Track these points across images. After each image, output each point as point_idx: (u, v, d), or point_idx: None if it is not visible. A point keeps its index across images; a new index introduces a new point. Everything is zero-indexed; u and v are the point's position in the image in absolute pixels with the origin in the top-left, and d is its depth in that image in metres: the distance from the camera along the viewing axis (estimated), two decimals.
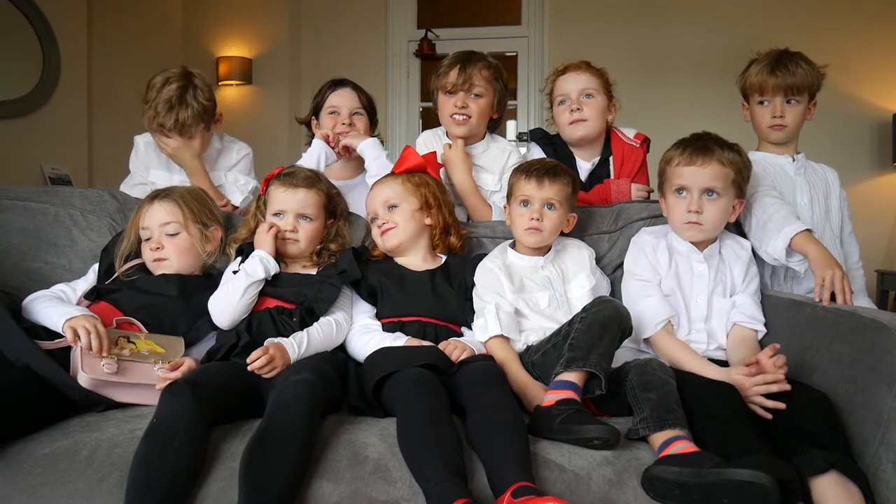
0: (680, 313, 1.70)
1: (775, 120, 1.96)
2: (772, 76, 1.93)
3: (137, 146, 2.32)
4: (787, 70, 1.93)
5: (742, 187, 1.74)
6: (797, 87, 1.94)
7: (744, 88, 2.03)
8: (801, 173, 1.99)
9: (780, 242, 1.72)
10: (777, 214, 1.77)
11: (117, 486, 1.20)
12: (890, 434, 1.27)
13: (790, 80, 1.93)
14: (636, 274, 1.76)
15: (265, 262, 1.68)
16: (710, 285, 1.71)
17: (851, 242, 2.04)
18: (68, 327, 1.45)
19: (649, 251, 1.76)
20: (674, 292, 1.72)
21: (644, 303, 1.67)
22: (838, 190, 2.04)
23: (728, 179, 1.69)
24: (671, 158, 1.75)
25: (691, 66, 4.51)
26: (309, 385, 1.31)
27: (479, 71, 2.10)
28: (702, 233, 1.72)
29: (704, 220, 1.69)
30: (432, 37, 4.90)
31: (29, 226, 1.92)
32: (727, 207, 1.71)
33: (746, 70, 2.01)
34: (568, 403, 1.35)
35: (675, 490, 1.17)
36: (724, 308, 1.70)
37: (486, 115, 2.15)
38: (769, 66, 1.94)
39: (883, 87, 4.30)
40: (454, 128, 2.14)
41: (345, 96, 2.29)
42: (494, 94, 2.14)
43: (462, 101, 2.10)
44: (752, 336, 1.67)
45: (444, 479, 1.14)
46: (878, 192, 4.30)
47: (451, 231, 1.87)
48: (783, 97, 1.95)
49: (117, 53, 4.16)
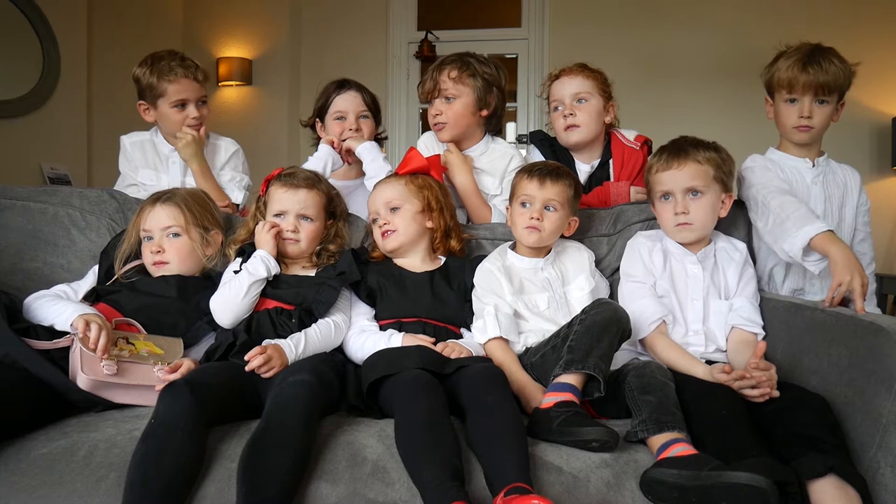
0: (676, 316, 1.69)
1: (802, 120, 1.84)
2: (803, 73, 1.80)
3: (124, 147, 2.30)
4: (820, 67, 1.80)
5: (726, 182, 1.74)
6: (829, 87, 1.81)
7: (769, 83, 1.90)
8: (819, 181, 1.90)
9: (798, 241, 1.66)
10: (797, 213, 1.70)
11: (115, 486, 1.19)
12: (888, 437, 1.27)
13: (822, 77, 1.80)
14: (631, 276, 1.76)
15: (266, 262, 1.68)
16: (704, 287, 1.71)
17: (862, 251, 1.98)
18: (82, 319, 1.45)
19: (644, 253, 1.76)
20: (669, 294, 1.72)
21: (638, 304, 1.68)
22: (857, 196, 1.95)
23: (708, 176, 1.70)
24: (651, 167, 1.77)
25: (692, 68, 4.52)
26: (307, 386, 1.31)
27: (447, 74, 2.09)
28: (693, 232, 1.72)
29: (692, 219, 1.70)
30: (432, 39, 4.90)
31: (28, 225, 1.92)
32: (714, 203, 1.71)
33: (773, 63, 1.88)
34: (567, 405, 1.35)
35: (674, 493, 1.17)
36: (720, 310, 1.70)
37: (463, 115, 2.12)
38: (800, 62, 1.81)
39: (882, 91, 4.31)
40: (438, 134, 2.17)
41: (350, 99, 2.26)
42: (473, 91, 2.10)
43: (436, 108, 2.12)
44: (752, 339, 1.66)
45: (442, 482, 1.14)
46: (877, 197, 4.28)
47: (451, 234, 1.87)
48: (813, 96, 1.82)
49: (117, 53, 4.16)
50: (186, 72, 2.18)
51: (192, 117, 2.20)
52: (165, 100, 2.18)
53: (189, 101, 2.20)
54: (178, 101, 2.18)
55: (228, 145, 2.37)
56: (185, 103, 2.19)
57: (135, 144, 2.29)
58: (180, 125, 2.20)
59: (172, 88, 2.17)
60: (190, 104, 2.20)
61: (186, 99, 2.19)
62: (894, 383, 1.28)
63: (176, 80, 2.17)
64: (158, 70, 2.17)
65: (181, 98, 2.18)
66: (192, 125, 2.20)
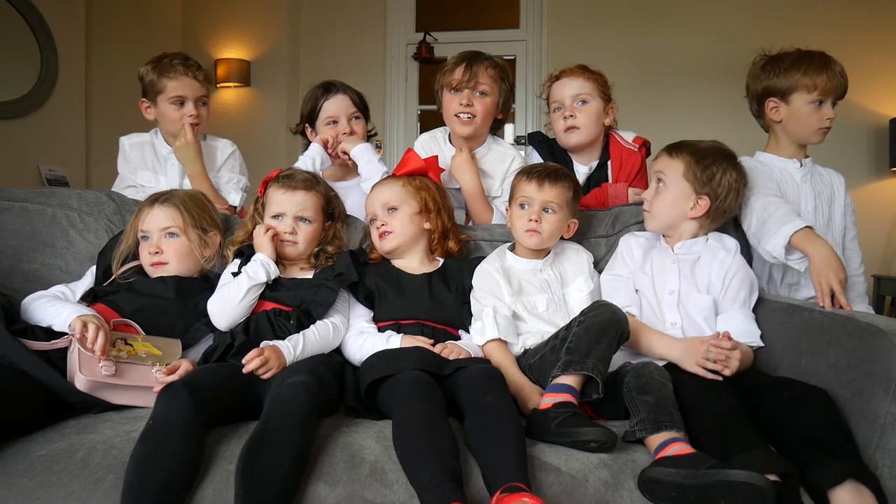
0: (654, 309, 1.70)
1: (827, 122, 1.91)
2: (834, 76, 1.88)
3: (123, 148, 2.31)
4: (840, 72, 1.90)
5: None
6: (845, 91, 1.92)
7: (788, 86, 1.92)
8: (808, 180, 1.97)
9: (779, 240, 1.69)
10: (778, 212, 1.74)
11: (113, 488, 1.19)
12: (886, 439, 1.27)
13: (845, 82, 1.90)
14: (608, 269, 1.81)
15: (266, 266, 1.68)
16: (679, 281, 1.70)
17: (854, 248, 2.02)
18: (79, 320, 1.45)
19: (625, 249, 1.80)
20: (647, 290, 1.72)
21: (609, 296, 1.70)
22: (843, 196, 2.00)
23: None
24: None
25: (689, 70, 4.53)
26: (305, 387, 1.30)
27: (486, 69, 2.09)
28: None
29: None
30: (431, 40, 4.91)
31: (26, 227, 1.91)
32: (674, 200, 1.74)
33: (784, 67, 1.92)
34: (565, 406, 1.35)
35: (672, 492, 1.17)
36: (701, 303, 1.68)
37: (490, 114, 2.14)
38: (827, 67, 1.88)
39: (881, 92, 4.32)
40: (459, 127, 2.12)
41: (339, 103, 2.25)
42: (500, 94, 2.13)
43: (467, 99, 2.08)
44: (748, 351, 1.62)
45: (440, 483, 1.13)
46: (875, 198, 4.31)
47: (449, 236, 1.87)
48: (834, 99, 1.91)
49: (115, 55, 4.16)
50: (187, 70, 2.20)
51: (188, 115, 2.20)
52: (164, 96, 2.20)
53: (187, 98, 2.21)
54: (176, 97, 2.20)
55: (225, 146, 2.37)
56: (183, 100, 2.21)
57: (134, 146, 2.29)
58: (177, 123, 2.21)
59: (172, 85, 2.19)
60: (188, 102, 2.21)
61: (184, 96, 2.20)
62: (892, 384, 1.28)
63: (176, 76, 2.19)
64: (161, 67, 2.20)
65: (179, 95, 2.20)
66: (189, 123, 2.20)
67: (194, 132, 2.22)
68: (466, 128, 2.11)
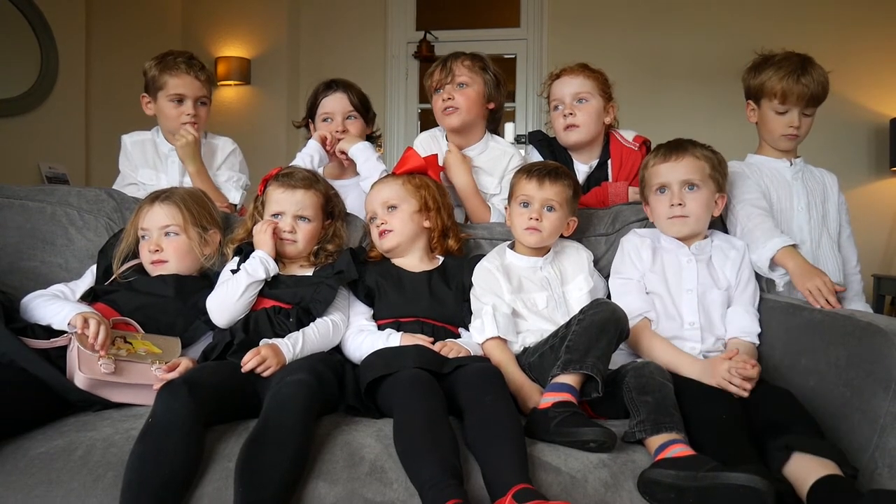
0: (669, 310, 1.69)
1: (791, 129, 1.92)
2: (797, 84, 1.87)
3: (125, 145, 2.31)
4: (812, 79, 1.87)
5: (720, 182, 1.76)
6: (818, 98, 1.90)
7: (757, 89, 1.95)
8: (799, 178, 1.98)
9: (766, 252, 1.73)
10: (764, 224, 1.79)
11: (112, 485, 1.19)
12: (885, 438, 1.28)
13: (813, 89, 1.87)
14: (617, 273, 1.79)
15: (265, 263, 1.68)
16: (699, 278, 1.71)
17: (850, 247, 2.03)
18: (80, 316, 1.45)
19: (631, 249, 1.78)
20: (660, 290, 1.72)
21: (622, 301, 1.68)
22: (836, 195, 2.02)
23: (705, 172, 1.73)
24: (647, 162, 1.80)
25: (689, 69, 4.52)
26: (305, 385, 1.31)
27: (461, 62, 2.13)
28: (686, 225, 1.73)
29: (688, 211, 1.71)
30: (431, 39, 4.90)
31: (25, 224, 1.91)
32: (709, 200, 1.74)
33: (760, 70, 1.94)
34: (564, 406, 1.35)
35: (671, 493, 1.17)
36: (718, 300, 1.70)
37: (476, 104, 2.14)
38: (795, 75, 1.87)
39: (881, 92, 4.32)
40: (446, 120, 2.15)
41: (336, 101, 2.28)
42: (483, 83, 2.14)
43: (448, 94, 2.12)
44: (749, 347, 1.65)
45: (440, 481, 1.13)
46: (875, 197, 4.31)
47: (449, 234, 1.87)
48: (803, 107, 1.90)
49: (116, 53, 4.16)
50: (189, 69, 2.21)
51: (186, 114, 2.20)
52: (164, 93, 2.21)
53: (186, 96, 2.21)
54: (175, 95, 2.20)
55: (226, 144, 2.37)
56: (182, 99, 2.21)
57: (135, 143, 2.30)
58: (174, 121, 2.21)
59: (173, 82, 2.20)
60: (187, 100, 2.21)
61: (184, 94, 2.21)
62: (892, 384, 1.28)
63: (177, 74, 2.20)
64: (164, 64, 2.21)
65: (178, 93, 2.20)
66: (187, 122, 2.20)
67: (193, 130, 2.22)
68: (452, 118, 2.13)
